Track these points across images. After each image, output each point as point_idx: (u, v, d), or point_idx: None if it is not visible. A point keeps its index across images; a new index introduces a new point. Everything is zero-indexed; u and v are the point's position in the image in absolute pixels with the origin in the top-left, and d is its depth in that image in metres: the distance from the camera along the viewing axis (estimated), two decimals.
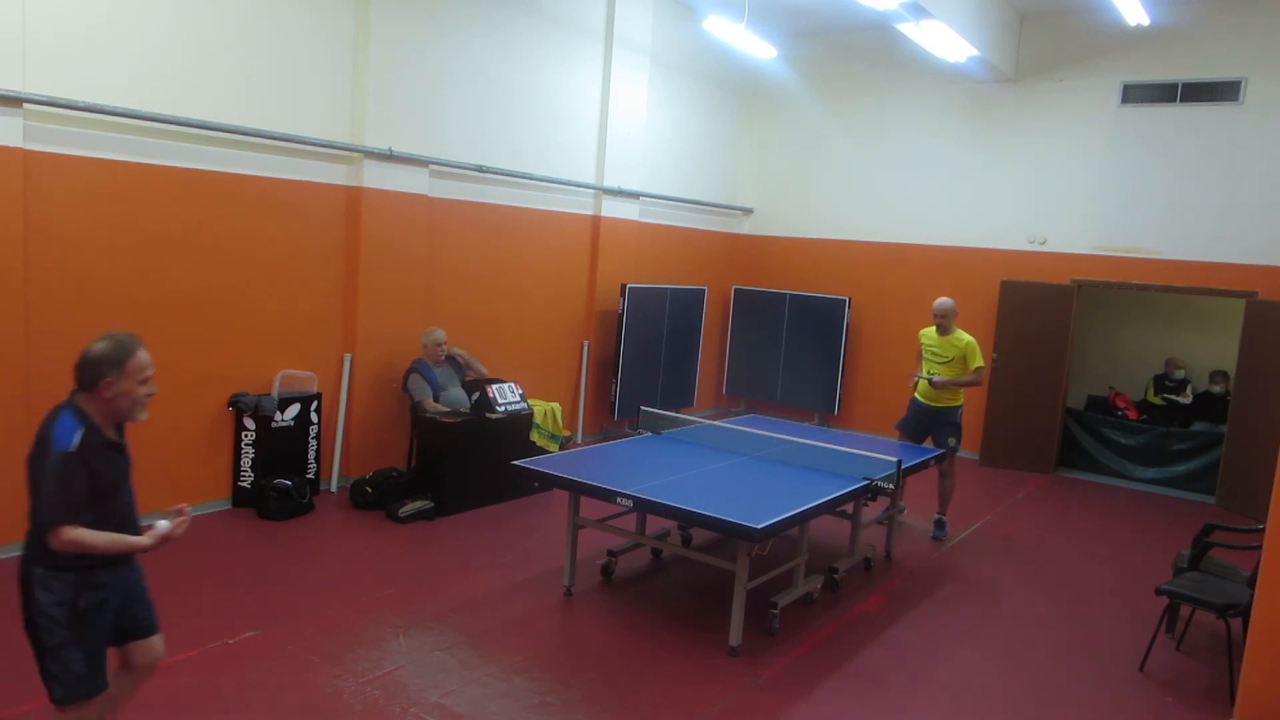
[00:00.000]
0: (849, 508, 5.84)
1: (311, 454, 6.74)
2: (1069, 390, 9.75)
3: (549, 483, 5.56)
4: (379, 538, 6.16)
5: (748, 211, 11.76)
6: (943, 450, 6.77)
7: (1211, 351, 9.62)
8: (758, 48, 8.65)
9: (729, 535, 4.87)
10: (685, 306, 10.21)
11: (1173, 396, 9.56)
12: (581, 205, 9.17)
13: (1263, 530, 3.92)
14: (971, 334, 10.17)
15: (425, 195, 7.38)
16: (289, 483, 6.37)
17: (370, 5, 6.79)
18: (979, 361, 6.93)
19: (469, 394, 7.27)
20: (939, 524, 7.14)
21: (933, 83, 10.20)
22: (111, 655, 3.20)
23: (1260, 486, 5.40)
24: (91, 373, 3.02)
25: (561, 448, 7.70)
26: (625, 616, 5.13)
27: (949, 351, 6.95)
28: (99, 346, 3.06)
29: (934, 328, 7.02)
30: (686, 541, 6.22)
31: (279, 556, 5.68)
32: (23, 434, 5.25)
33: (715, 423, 6.95)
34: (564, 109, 8.76)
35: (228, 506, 6.43)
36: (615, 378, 9.38)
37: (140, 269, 5.77)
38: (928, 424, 7.07)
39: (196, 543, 5.76)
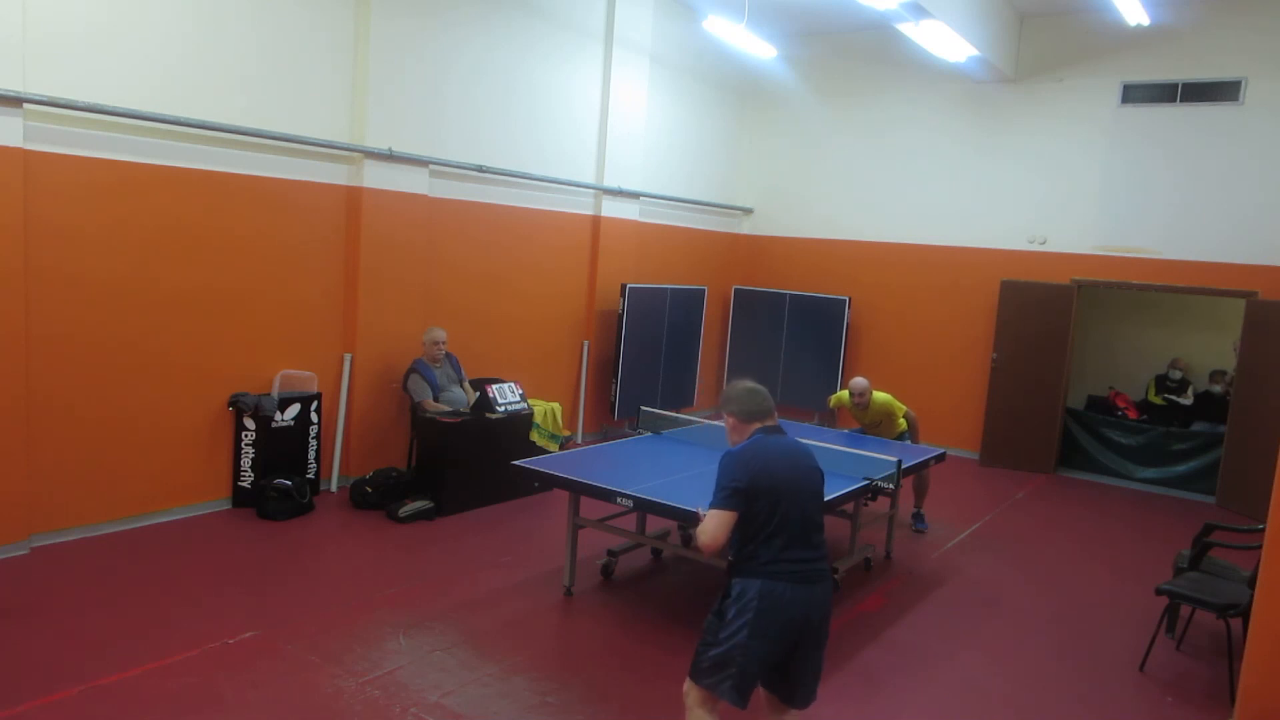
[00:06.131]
0: (849, 508, 5.84)
1: (311, 454, 6.74)
2: (1069, 390, 9.75)
3: (549, 483, 5.56)
4: (379, 538, 6.16)
5: (748, 211, 11.76)
6: (941, 451, 6.76)
7: (1212, 351, 9.62)
8: (758, 48, 8.65)
9: None
10: (685, 306, 10.21)
11: (1173, 397, 9.56)
12: (581, 205, 9.17)
13: (1263, 530, 3.92)
14: (972, 334, 10.21)
15: (425, 195, 7.38)
16: (289, 483, 6.37)
17: (370, 5, 6.79)
18: (903, 408, 7.14)
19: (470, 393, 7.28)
20: (917, 517, 7.19)
21: (933, 83, 10.20)
22: None
23: (1260, 486, 5.40)
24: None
25: (561, 448, 7.70)
26: (625, 616, 5.14)
27: (874, 417, 7.14)
28: None
29: (849, 400, 7.14)
30: (687, 541, 6.20)
31: (279, 556, 5.68)
32: (23, 434, 5.27)
33: (715, 423, 6.94)
34: (564, 109, 8.76)
35: (228, 506, 6.43)
36: (615, 378, 9.38)
37: (140, 269, 5.77)
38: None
39: (196, 543, 5.77)
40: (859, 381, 7.06)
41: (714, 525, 3.09)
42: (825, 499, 4.93)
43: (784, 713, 3.34)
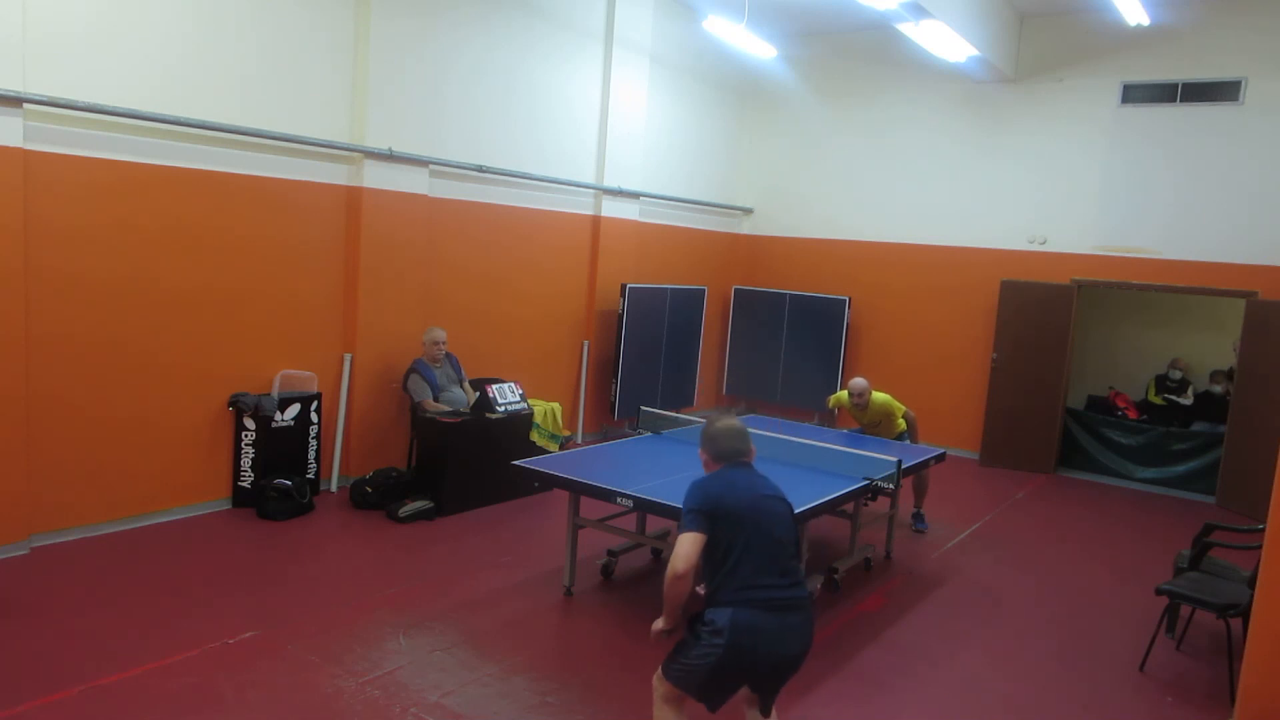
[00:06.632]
0: (849, 508, 5.84)
1: (311, 454, 6.74)
2: (1069, 390, 9.75)
3: (549, 483, 5.56)
4: (379, 538, 6.16)
5: (748, 211, 11.76)
6: (941, 451, 6.76)
7: (1212, 351, 9.62)
8: (758, 48, 8.65)
9: None
10: (685, 306, 10.21)
11: (1173, 397, 9.56)
12: (581, 205, 9.17)
13: (1263, 530, 3.92)
14: (972, 334, 10.19)
15: (425, 195, 7.38)
16: (289, 483, 6.37)
17: (370, 5, 6.79)
18: (902, 408, 7.15)
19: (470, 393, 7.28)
20: (917, 517, 7.20)
21: (933, 83, 10.20)
22: None
23: (1260, 486, 5.40)
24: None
25: (561, 448, 7.70)
26: (625, 616, 5.14)
27: (873, 417, 7.14)
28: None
29: (848, 400, 7.13)
30: None
31: (279, 556, 5.68)
32: (23, 434, 5.27)
33: None
34: (564, 109, 8.76)
35: (228, 506, 6.43)
36: (615, 378, 9.38)
37: (140, 269, 5.77)
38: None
39: (196, 543, 5.77)
40: (858, 382, 7.07)
41: (684, 547, 3.11)
42: (824, 499, 5.00)
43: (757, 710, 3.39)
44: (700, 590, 3.26)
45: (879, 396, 7.09)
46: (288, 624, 4.67)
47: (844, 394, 7.23)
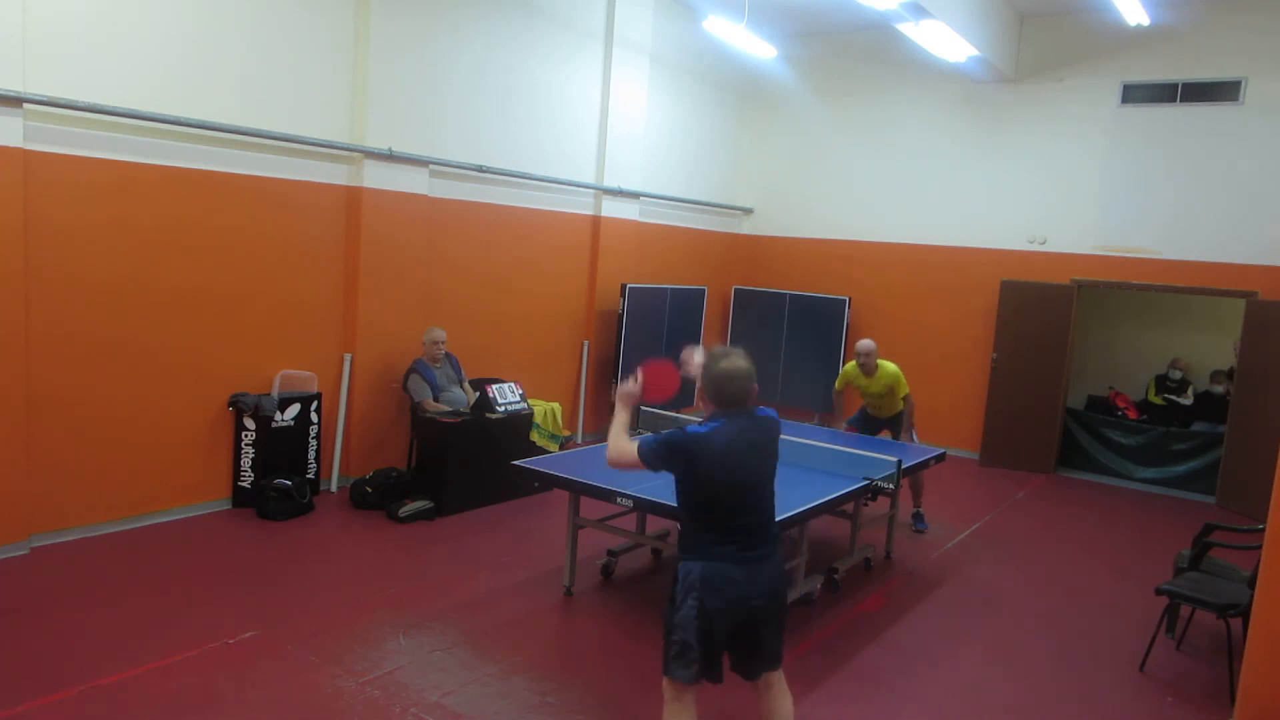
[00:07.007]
0: (849, 508, 5.84)
1: (311, 454, 6.74)
2: (1069, 390, 9.75)
3: (549, 483, 5.55)
4: (379, 538, 6.16)
5: (748, 211, 11.76)
6: (941, 451, 6.76)
7: (1212, 351, 9.62)
8: (758, 48, 8.66)
9: None
10: (685, 306, 10.21)
11: (1173, 397, 9.56)
12: (581, 205, 9.17)
13: (1263, 530, 3.92)
14: (972, 334, 10.18)
15: (425, 195, 7.38)
16: (289, 483, 6.37)
17: (370, 5, 6.79)
18: (906, 389, 7.14)
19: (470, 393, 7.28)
20: (917, 517, 7.20)
21: (933, 83, 10.20)
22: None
23: (1260, 486, 5.40)
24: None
25: (561, 448, 7.70)
26: (625, 616, 5.14)
27: (877, 386, 7.12)
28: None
29: (857, 367, 7.12)
30: None
31: (279, 556, 5.68)
32: (23, 434, 5.27)
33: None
34: (564, 109, 8.76)
35: (228, 506, 6.43)
36: (615, 378, 9.38)
37: (140, 269, 5.77)
38: (880, 425, 7.33)
39: (196, 543, 5.77)
40: (865, 342, 7.02)
41: (626, 456, 3.35)
42: (824, 499, 5.01)
43: (766, 690, 3.42)
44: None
45: (888, 366, 7.06)
46: (288, 624, 4.67)
47: (851, 365, 7.19)
